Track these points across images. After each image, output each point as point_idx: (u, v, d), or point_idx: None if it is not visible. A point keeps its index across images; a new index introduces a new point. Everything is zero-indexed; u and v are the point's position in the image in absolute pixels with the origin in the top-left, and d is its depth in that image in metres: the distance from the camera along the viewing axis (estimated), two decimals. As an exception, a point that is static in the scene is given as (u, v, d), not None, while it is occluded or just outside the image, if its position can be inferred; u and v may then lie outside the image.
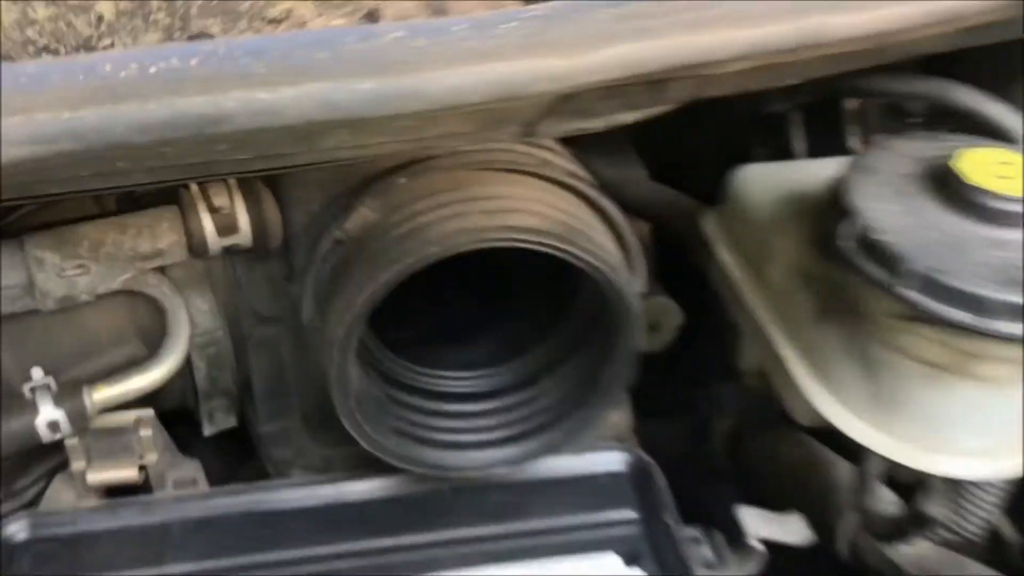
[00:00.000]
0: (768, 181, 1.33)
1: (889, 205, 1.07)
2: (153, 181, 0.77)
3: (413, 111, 0.67)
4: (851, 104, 1.52)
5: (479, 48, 0.69)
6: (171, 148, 0.68)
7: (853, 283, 1.11)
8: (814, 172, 1.30)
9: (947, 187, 1.06)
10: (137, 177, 0.75)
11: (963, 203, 1.04)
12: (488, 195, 1.12)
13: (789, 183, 1.30)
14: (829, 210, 1.11)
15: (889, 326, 1.07)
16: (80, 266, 1.14)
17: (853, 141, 1.52)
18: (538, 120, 0.78)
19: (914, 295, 1.00)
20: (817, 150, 1.56)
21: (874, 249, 1.03)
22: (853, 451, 1.34)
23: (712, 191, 1.74)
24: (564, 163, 1.20)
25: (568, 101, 0.73)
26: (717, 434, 1.70)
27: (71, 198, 1.15)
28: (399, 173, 1.15)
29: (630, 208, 1.26)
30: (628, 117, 0.83)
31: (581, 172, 1.20)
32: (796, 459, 1.54)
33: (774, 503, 1.57)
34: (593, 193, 1.17)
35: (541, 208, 1.11)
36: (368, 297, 1.08)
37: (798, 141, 1.53)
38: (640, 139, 1.84)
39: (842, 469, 1.47)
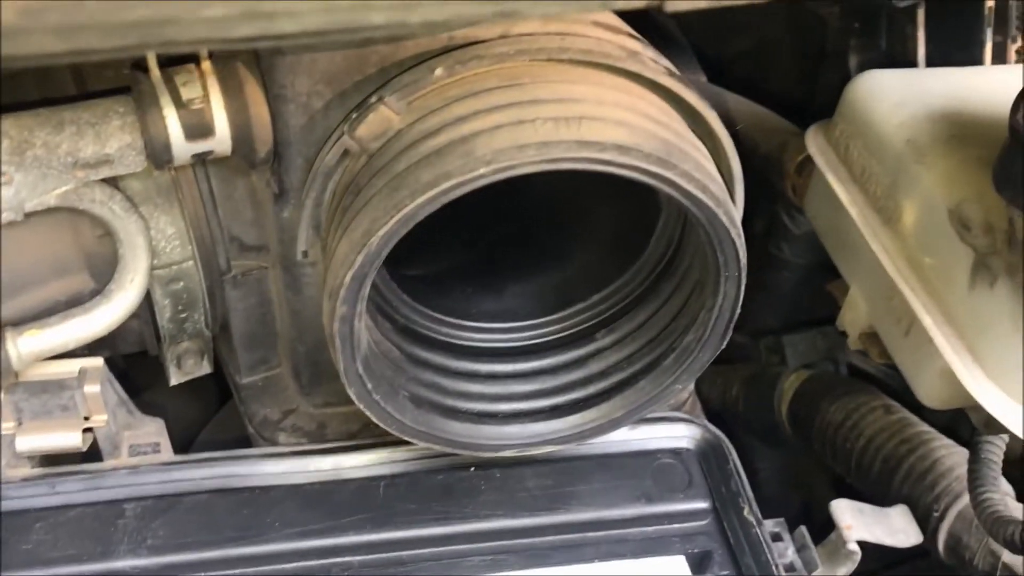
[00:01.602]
0: (903, 92, 1.08)
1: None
2: (64, 51, 0.47)
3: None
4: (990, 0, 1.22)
5: None
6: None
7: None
8: (968, 83, 1.05)
9: None
10: (41, 42, 0.45)
11: None
12: (558, 96, 0.86)
13: (934, 96, 1.06)
14: (1018, 136, 0.83)
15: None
16: (-2, 174, 0.92)
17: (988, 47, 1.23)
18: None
19: None
20: (939, 56, 1.27)
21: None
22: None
23: (795, 102, 1.48)
24: (654, 55, 0.91)
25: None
26: (782, 392, 1.51)
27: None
28: (433, 62, 0.89)
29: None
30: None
31: (675, 70, 0.91)
32: (885, 431, 1.34)
33: (853, 481, 1.38)
34: (695, 99, 0.89)
35: (629, 117, 0.85)
36: (387, 233, 0.84)
37: (920, 43, 1.23)
38: (693, 33, 1.58)
39: (943, 447, 1.28)
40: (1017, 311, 0.90)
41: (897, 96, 1.07)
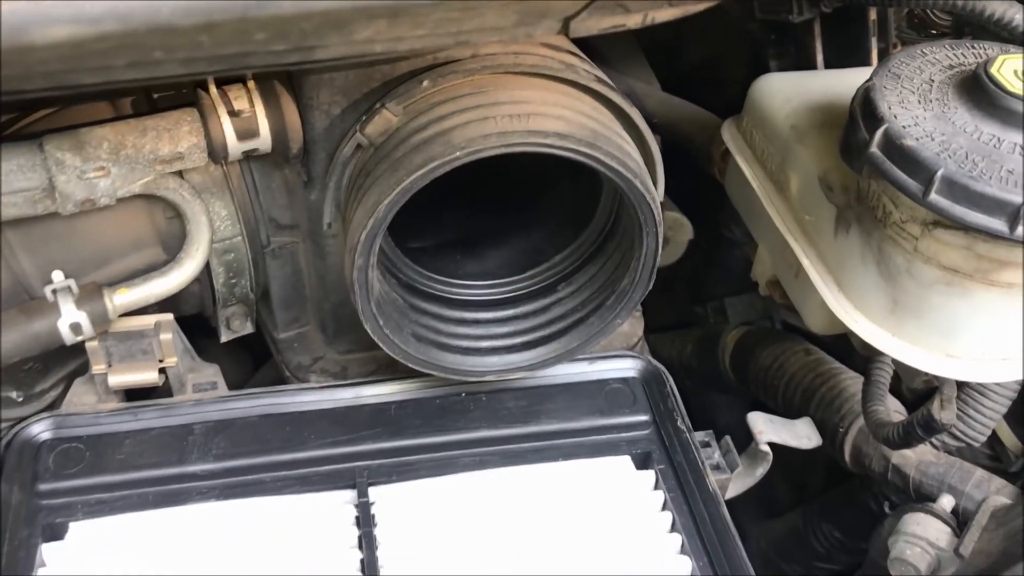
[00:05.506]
0: (790, 90, 1.32)
1: (916, 111, 1.07)
2: (185, 73, 0.76)
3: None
4: (872, 14, 1.49)
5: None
6: (209, 36, 0.67)
7: (877, 190, 1.11)
8: (837, 81, 1.30)
9: (976, 92, 1.05)
10: (169, 68, 0.74)
11: (993, 108, 1.04)
12: (512, 99, 1.10)
13: (812, 92, 1.30)
14: (854, 117, 1.10)
15: (913, 232, 1.07)
16: (100, 168, 1.12)
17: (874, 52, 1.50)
18: (576, 14, 0.77)
19: (941, 200, 1.00)
20: (837, 60, 1.55)
21: (901, 155, 1.03)
22: (861, 361, 1.37)
23: (726, 102, 1.76)
24: (588, 68, 1.19)
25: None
26: (724, 345, 1.74)
27: (91, 99, 1.13)
28: (421, 76, 1.14)
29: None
30: (666, 14, 0.82)
31: (605, 77, 1.19)
32: (803, 369, 1.56)
33: (781, 412, 1.61)
34: (618, 98, 1.16)
35: (566, 112, 1.10)
36: (391, 202, 1.07)
37: (818, 51, 1.51)
38: (650, 49, 1.84)
39: (849, 378, 1.51)
40: (866, 250, 1.17)
41: (786, 94, 1.31)
